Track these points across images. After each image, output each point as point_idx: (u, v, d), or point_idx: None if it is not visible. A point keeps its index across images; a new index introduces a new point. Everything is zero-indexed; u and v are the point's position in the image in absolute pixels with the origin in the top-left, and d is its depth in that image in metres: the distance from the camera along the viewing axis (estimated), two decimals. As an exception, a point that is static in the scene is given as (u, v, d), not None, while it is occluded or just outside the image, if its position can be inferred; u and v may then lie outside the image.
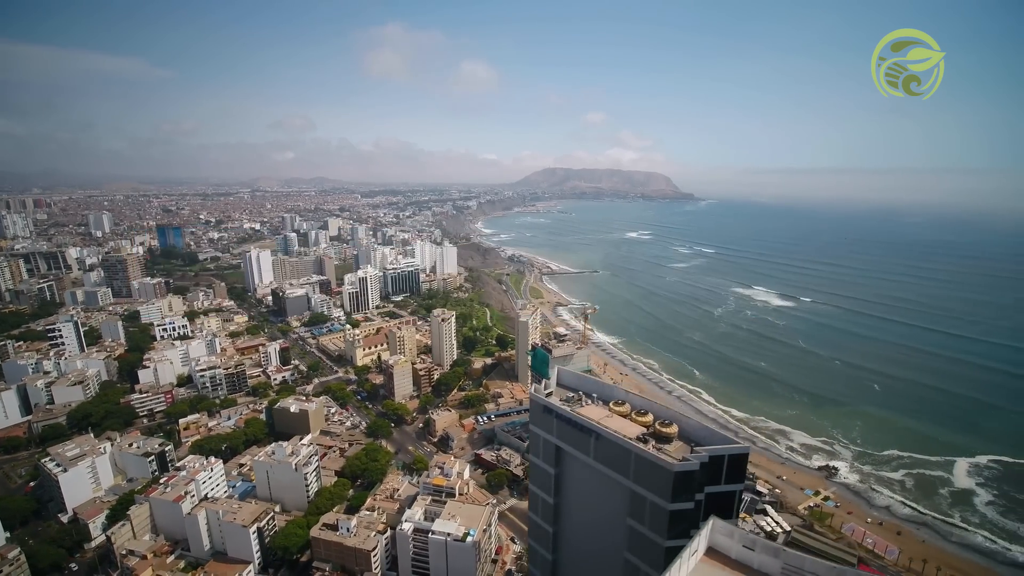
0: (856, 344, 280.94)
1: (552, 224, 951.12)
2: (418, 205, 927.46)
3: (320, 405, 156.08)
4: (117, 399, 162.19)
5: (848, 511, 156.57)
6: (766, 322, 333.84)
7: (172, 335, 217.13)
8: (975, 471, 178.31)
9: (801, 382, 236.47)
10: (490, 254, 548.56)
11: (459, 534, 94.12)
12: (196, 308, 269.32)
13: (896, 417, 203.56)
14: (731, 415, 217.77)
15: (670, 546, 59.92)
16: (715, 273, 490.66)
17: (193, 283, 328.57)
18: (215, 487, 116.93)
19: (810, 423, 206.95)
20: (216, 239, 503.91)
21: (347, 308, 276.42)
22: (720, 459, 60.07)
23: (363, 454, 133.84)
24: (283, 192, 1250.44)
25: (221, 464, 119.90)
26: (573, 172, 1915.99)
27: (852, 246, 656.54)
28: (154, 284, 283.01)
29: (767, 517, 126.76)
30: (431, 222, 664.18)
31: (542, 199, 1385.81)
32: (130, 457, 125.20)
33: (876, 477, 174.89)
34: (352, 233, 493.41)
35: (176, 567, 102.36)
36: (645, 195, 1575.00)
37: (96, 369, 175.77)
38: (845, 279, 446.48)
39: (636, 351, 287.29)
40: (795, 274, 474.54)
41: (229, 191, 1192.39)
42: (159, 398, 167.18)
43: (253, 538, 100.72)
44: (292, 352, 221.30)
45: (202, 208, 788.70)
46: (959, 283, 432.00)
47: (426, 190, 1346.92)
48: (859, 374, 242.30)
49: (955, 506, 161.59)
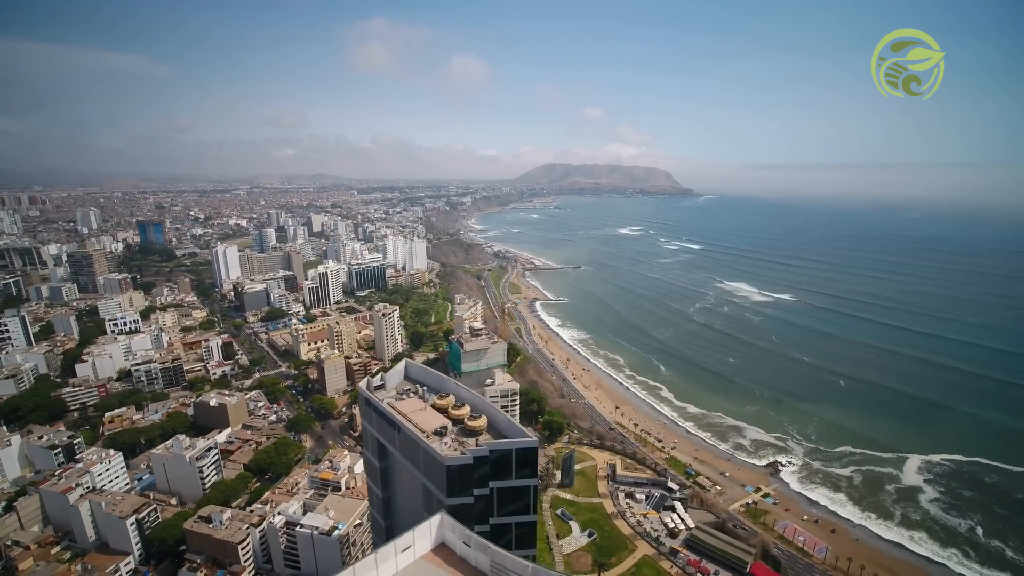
0: (828, 342, 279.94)
1: (546, 220, 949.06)
2: (411, 201, 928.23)
3: (241, 400, 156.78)
4: (48, 393, 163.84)
5: (786, 508, 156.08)
6: (742, 319, 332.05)
7: (123, 330, 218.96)
8: (926, 468, 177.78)
9: (766, 379, 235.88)
10: (473, 250, 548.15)
11: (326, 527, 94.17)
12: (159, 303, 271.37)
13: (855, 415, 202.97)
14: (687, 411, 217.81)
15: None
16: (699, 269, 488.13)
17: (164, 279, 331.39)
18: (113, 479, 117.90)
19: (767, 419, 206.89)
20: (199, 235, 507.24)
21: (307, 303, 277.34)
22: (507, 453, 59.39)
23: (272, 448, 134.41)
24: (281, 189, 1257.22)
25: (120, 457, 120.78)
26: (573, 168, 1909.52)
27: (844, 241, 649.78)
28: (119, 280, 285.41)
29: (673, 514, 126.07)
30: (417, 218, 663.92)
31: (540, 195, 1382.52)
32: (37, 450, 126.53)
33: (824, 474, 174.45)
34: (333, 229, 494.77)
35: (61, 558, 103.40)
36: (644, 191, 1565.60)
37: (34, 363, 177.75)
38: (830, 276, 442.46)
39: (604, 347, 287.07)
40: (781, 270, 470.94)
41: (228, 188, 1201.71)
42: (92, 392, 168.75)
43: (132, 529, 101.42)
44: (242, 347, 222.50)
45: (196, 204, 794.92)
46: (946, 280, 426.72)
47: (424, 186, 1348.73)
48: (825, 372, 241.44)
49: (899, 503, 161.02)
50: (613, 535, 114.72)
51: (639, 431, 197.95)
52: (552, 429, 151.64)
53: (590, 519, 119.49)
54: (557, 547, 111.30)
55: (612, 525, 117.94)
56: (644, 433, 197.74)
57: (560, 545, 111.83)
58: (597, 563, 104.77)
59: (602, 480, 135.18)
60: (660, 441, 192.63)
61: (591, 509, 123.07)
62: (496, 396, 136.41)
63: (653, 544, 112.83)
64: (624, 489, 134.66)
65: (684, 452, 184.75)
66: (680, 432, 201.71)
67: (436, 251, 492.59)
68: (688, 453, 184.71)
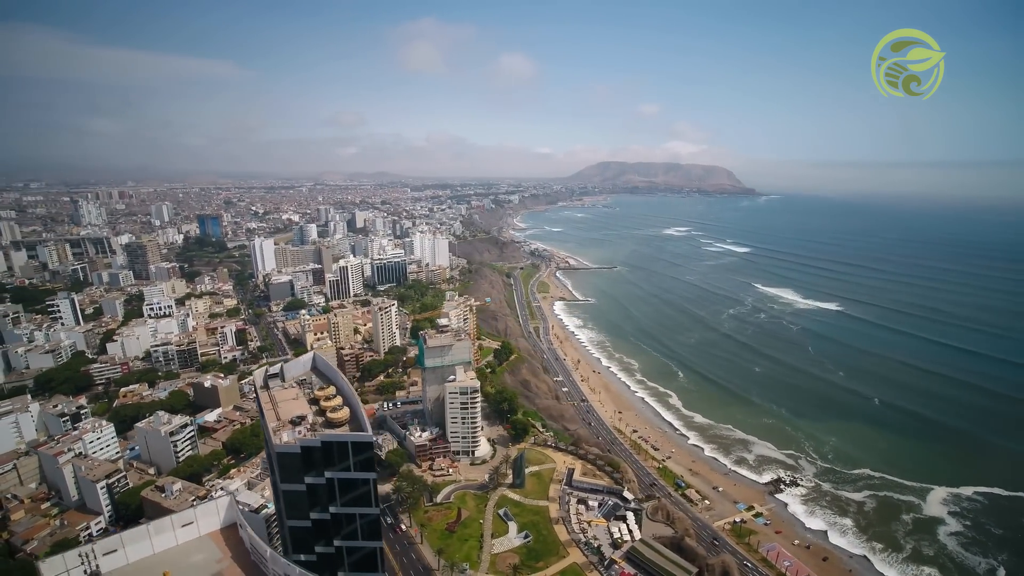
0: (869, 357, 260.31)
1: (592, 219, 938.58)
2: (459, 199, 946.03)
3: (233, 382, 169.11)
4: (79, 368, 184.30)
5: (777, 530, 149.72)
6: (778, 327, 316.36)
7: (158, 314, 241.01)
8: (953, 500, 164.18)
9: (789, 393, 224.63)
10: (508, 248, 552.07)
11: (255, 505, 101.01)
12: (197, 291, 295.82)
13: (884, 437, 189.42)
14: (693, 421, 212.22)
15: (291, 526, 62.80)
16: (740, 273, 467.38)
17: (211, 269, 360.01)
18: (104, 447, 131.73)
19: (781, 435, 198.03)
20: (253, 229, 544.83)
21: (328, 295, 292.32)
22: (341, 446, 61.47)
23: (248, 429, 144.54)
24: (342, 186, 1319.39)
25: (112, 427, 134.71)
26: (628, 166, 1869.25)
27: (914, 247, 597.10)
28: (168, 268, 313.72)
29: (623, 524, 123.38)
30: (457, 216, 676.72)
31: (591, 193, 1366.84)
32: (50, 417, 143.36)
33: (833, 497, 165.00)
34: (372, 225, 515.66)
35: (48, 513, 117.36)
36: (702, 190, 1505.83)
37: (72, 341, 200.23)
38: (888, 285, 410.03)
39: (621, 350, 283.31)
40: (833, 277, 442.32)
41: (293, 184, 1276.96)
42: (116, 369, 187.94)
43: (102, 492, 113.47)
44: (259, 334, 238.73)
45: (259, 200, 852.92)
46: (1019, 294, 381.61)
47: (477, 184, 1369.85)
48: (859, 390, 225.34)
49: (913, 534, 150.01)
50: (548, 540, 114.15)
51: (636, 437, 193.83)
52: (518, 430, 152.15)
53: (530, 521, 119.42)
54: (489, 545, 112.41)
55: (551, 529, 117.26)
56: (641, 440, 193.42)
57: (492, 544, 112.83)
58: (514, 567, 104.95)
59: (556, 484, 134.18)
60: (656, 449, 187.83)
61: (535, 512, 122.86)
62: (456, 392, 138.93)
63: (587, 553, 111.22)
64: (577, 495, 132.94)
65: (679, 463, 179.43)
66: (680, 442, 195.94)
67: (469, 248, 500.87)
68: (683, 464, 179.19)
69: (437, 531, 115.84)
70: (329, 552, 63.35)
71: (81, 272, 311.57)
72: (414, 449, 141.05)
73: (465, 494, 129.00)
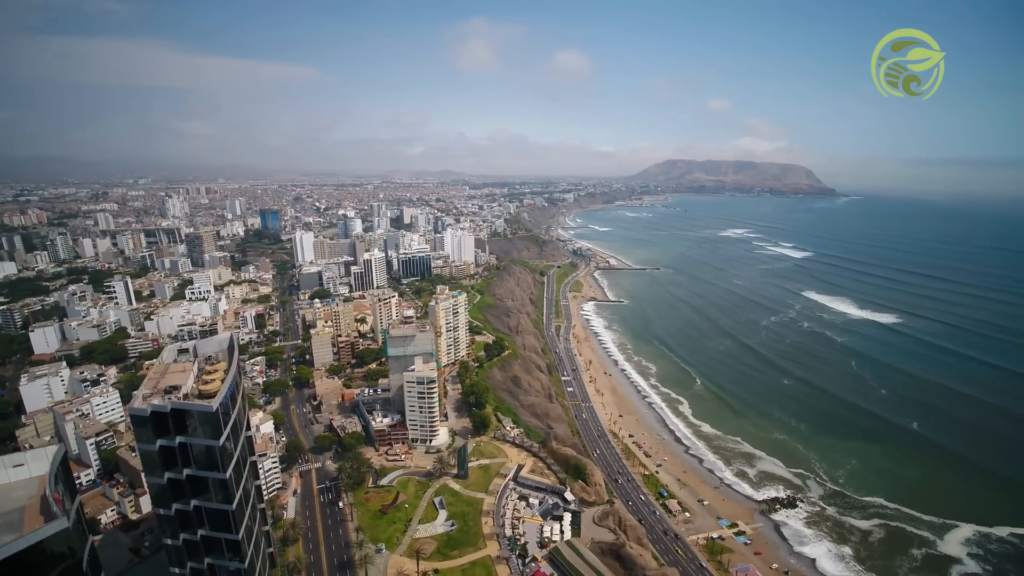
0: (918, 377, 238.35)
1: (648, 219, 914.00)
2: (513, 197, 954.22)
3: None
4: (117, 341, 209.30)
5: (756, 551, 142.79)
6: (822, 339, 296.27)
7: (198, 297, 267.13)
8: (976, 540, 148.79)
9: (813, 409, 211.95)
10: (548, 246, 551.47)
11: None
12: (239, 279, 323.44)
13: (910, 466, 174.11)
14: (699, 430, 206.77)
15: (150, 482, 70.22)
16: (793, 280, 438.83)
17: (259, 258, 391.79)
18: (109, 411, 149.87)
19: (792, 452, 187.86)
20: (311, 223, 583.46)
21: (353, 286, 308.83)
22: (188, 413, 67.06)
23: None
24: (407, 184, 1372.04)
25: (117, 393, 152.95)
26: (695, 164, 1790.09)
27: (1005, 256, 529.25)
28: (219, 257, 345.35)
29: (556, 524, 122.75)
30: (507, 213, 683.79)
31: (652, 192, 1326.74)
32: (75, 382, 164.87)
33: (835, 522, 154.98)
34: (415, 220, 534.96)
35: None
36: (775, 190, 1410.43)
37: (117, 318, 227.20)
38: (962, 298, 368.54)
39: (642, 353, 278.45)
40: (898, 287, 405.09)
41: (362, 182, 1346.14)
42: (147, 344, 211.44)
43: (91, 449, 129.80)
44: (281, 319, 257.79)
45: (326, 197, 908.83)
46: None
47: (536, 182, 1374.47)
48: (900, 411, 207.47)
49: (919, 571, 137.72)
50: (472, 531, 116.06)
51: (631, 442, 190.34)
52: (477, 423, 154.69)
53: (461, 511, 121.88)
54: (413, 530, 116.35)
55: (477, 521, 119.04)
56: (635, 445, 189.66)
57: (417, 529, 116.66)
58: (422, 552, 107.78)
59: (500, 478, 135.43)
60: (648, 456, 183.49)
61: (469, 503, 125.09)
62: (413, 382, 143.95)
63: (505, 547, 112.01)
64: (520, 491, 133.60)
65: (669, 471, 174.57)
66: (678, 450, 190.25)
67: (507, 245, 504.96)
68: (674, 473, 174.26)
69: (371, 512, 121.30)
70: (187, 509, 69.88)
71: (149, 259, 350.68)
72: (375, 433, 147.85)
73: (409, 480, 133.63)
